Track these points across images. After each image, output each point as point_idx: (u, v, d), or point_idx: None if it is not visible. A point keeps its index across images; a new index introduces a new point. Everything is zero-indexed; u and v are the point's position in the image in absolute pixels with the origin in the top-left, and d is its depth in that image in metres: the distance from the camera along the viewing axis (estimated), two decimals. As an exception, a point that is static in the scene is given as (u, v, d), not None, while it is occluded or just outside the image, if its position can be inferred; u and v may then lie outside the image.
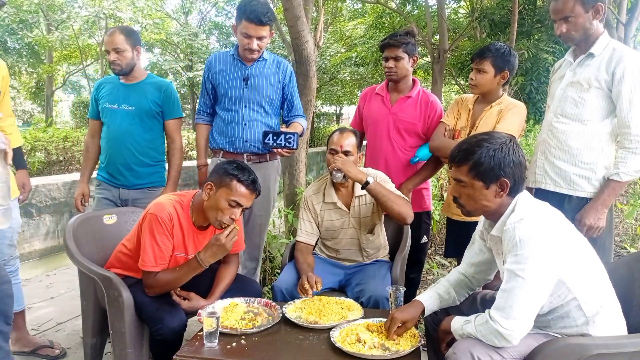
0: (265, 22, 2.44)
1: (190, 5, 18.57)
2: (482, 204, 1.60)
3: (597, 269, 1.58)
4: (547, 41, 8.92)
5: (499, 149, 1.55)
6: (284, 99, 2.72)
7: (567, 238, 1.53)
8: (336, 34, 16.05)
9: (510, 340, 1.45)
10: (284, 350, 1.73)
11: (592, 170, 2.09)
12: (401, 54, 2.58)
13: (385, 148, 2.68)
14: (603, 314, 1.52)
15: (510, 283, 1.47)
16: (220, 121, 2.67)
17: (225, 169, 1.96)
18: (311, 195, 2.47)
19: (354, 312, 2.01)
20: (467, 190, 1.61)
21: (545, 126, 2.26)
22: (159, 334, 1.93)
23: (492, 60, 2.34)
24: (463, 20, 12.37)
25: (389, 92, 2.74)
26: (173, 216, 2.01)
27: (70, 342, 2.80)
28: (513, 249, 1.48)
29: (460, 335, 1.59)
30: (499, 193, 1.57)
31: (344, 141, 2.31)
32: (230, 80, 2.62)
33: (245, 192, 1.95)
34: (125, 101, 2.70)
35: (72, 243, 2.18)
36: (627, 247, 4.14)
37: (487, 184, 1.57)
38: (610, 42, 2.08)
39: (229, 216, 1.95)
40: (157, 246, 1.97)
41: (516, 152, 1.57)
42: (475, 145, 1.58)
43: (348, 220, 2.42)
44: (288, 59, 3.48)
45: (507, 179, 1.55)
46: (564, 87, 2.17)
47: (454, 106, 2.60)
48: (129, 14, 13.70)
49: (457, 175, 1.62)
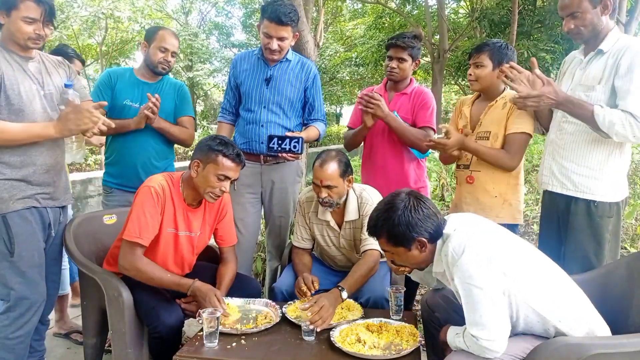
0: (285, 23, 2.40)
1: (190, 5, 18.58)
2: (415, 261, 1.69)
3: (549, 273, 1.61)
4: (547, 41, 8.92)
5: (402, 215, 1.60)
6: (306, 101, 2.70)
7: (499, 239, 1.60)
8: (336, 34, 16.07)
9: (496, 349, 1.47)
10: (284, 350, 1.73)
11: (600, 172, 2.04)
12: (406, 57, 2.58)
13: (382, 145, 2.67)
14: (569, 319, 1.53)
15: (465, 295, 1.51)
16: (242, 121, 2.67)
17: (210, 146, 2.01)
18: (304, 202, 2.43)
19: (354, 312, 2.01)
20: (396, 256, 1.70)
21: (554, 126, 2.20)
22: (157, 331, 1.93)
23: (489, 54, 2.31)
24: (463, 20, 12.38)
25: (387, 92, 2.75)
26: (165, 189, 2.04)
27: (70, 342, 2.80)
28: (452, 263, 1.54)
29: (455, 347, 1.60)
30: (422, 249, 1.64)
31: (324, 174, 2.17)
32: (253, 80, 2.62)
33: (231, 165, 2.01)
34: (146, 101, 2.53)
35: (72, 243, 2.18)
36: (627, 247, 4.14)
37: (408, 246, 1.64)
38: (621, 37, 2.01)
39: (219, 189, 2.01)
40: (143, 217, 1.97)
41: (418, 209, 1.61)
42: (378, 219, 1.66)
43: (339, 240, 2.38)
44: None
45: (421, 237, 1.61)
46: (574, 86, 2.10)
47: (454, 113, 2.61)
48: (128, 14, 13.70)
49: (382, 247, 1.72)
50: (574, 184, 2.08)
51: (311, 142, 3.11)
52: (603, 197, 2.04)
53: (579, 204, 2.07)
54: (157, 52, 2.55)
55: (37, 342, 2.19)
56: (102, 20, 13.92)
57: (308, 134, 2.63)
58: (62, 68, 2.14)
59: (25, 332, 2.01)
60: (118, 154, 2.64)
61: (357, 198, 2.33)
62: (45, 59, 2.08)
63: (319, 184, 2.19)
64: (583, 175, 2.06)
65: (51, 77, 2.05)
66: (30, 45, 1.93)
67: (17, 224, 1.92)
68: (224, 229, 2.26)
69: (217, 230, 2.26)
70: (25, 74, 1.95)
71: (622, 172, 2.09)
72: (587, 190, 2.06)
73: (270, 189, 2.67)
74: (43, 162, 1.99)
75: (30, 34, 1.88)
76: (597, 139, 2.02)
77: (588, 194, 2.05)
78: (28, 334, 2.03)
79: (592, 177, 2.05)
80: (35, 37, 1.90)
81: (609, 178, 2.04)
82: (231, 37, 19.82)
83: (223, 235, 2.27)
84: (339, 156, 2.22)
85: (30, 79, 1.96)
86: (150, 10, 15.14)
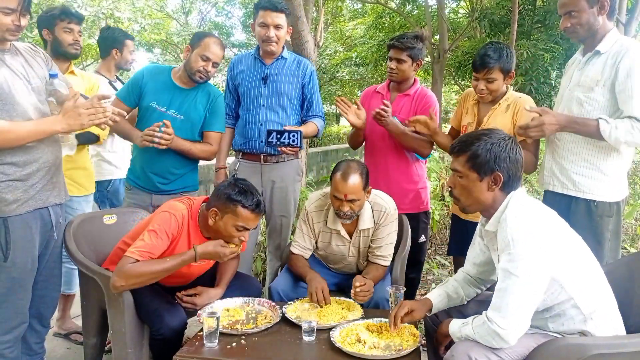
0: (280, 9, 2.50)
1: (190, 5, 18.57)
2: (475, 196, 1.63)
3: (593, 267, 1.59)
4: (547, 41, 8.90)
5: (497, 144, 1.59)
6: (304, 98, 2.72)
7: (560, 236, 1.55)
8: (336, 34, 16.05)
9: (508, 340, 1.45)
10: (284, 350, 1.73)
11: (600, 172, 2.05)
12: (404, 58, 2.57)
13: (384, 146, 2.67)
14: (600, 312, 1.52)
15: (504, 282, 1.48)
16: (241, 122, 2.70)
17: (229, 195, 1.94)
18: (312, 212, 2.34)
19: (354, 312, 2.02)
20: (462, 181, 1.64)
21: None
22: (160, 333, 1.93)
23: (499, 68, 2.29)
24: (463, 20, 12.36)
25: (390, 91, 2.75)
26: (185, 219, 2.01)
27: (70, 342, 2.80)
28: (506, 248, 1.50)
29: (459, 338, 1.59)
30: (492, 187, 1.60)
31: (348, 189, 2.09)
32: (250, 80, 2.65)
33: (251, 216, 1.95)
34: (175, 107, 2.48)
35: (72, 243, 2.17)
36: (627, 247, 4.14)
37: (482, 175, 1.60)
38: (619, 39, 2.02)
39: (238, 238, 1.98)
40: (156, 240, 1.91)
41: (513, 150, 1.61)
42: (475, 138, 1.63)
43: (348, 249, 2.35)
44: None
45: (501, 173, 1.58)
46: (572, 87, 2.12)
47: (458, 106, 2.59)
48: (128, 14, 13.69)
49: (455, 165, 1.66)
50: (574, 184, 2.09)
51: (312, 142, 3.12)
52: (603, 197, 2.05)
53: (580, 204, 2.08)
54: (199, 60, 2.41)
55: (37, 345, 2.16)
56: (102, 20, 13.91)
57: (306, 129, 2.63)
58: (38, 56, 2.01)
59: (13, 337, 1.96)
60: (139, 159, 2.58)
61: (370, 205, 2.29)
62: (23, 50, 1.96)
63: (343, 198, 2.11)
64: (583, 175, 2.07)
65: (33, 69, 1.95)
66: (8, 37, 1.81)
67: (17, 228, 1.86)
68: None
69: None
70: (8, 69, 1.84)
71: (622, 172, 2.10)
72: (587, 190, 2.07)
73: (270, 188, 2.67)
74: (46, 160, 1.94)
75: (9, 25, 1.77)
76: (596, 140, 2.02)
77: (588, 194, 2.07)
78: (16, 339, 1.98)
79: (592, 177, 2.06)
80: (14, 29, 1.79)
81: (609, 178, 2.05)
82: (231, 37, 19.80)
83: None
84: (360, 168, 2.16)
85: (16, 75, 1.86)
86: (150, 10, 15.13)
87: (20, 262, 1.89)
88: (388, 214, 2.27)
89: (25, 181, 1.88)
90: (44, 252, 2.03)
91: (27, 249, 1.91)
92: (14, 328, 1.95)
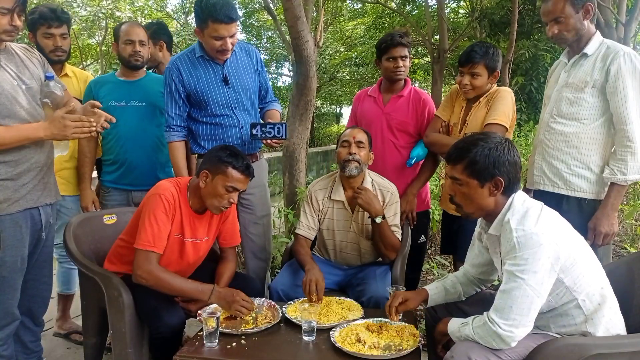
0: (235, 19, 2.26)
1: (190, 5, 18.56)
2: (478, 203, 1.62)
3: (595, 267, 1.59)
4: (547, 41, 8.91)
5: (494, 148, 1.58)
6: (260, 86, 2.60)
7: (564, 238, 1.53)
8: (336, 34, 16.06)
9: (509, 343, 1.45)
10: (284, 350, 1.73)
11: (590, 170, 2.09)
12: (407, 54, 2.66)
13: (379, 148, 2.68)
14: (602, 312, 1.52)
15: (509, 284, 1.47)
16: (206, 127, 2.47)
17: (219, 157, 2.01)
18: (317, 190, 2.48)
19: (354, 312, 2.02)
20: (463, 188, 1.63)
21: (542, 127, 2.26)
22: (158, 332, 1.93)
23: (485, 64, 2.34)
24: (463, 20, 12.37)
25: (382, 93, 2.77)
26: (175, 197, 2.04)
27: (70, 342, 2.80)
28: (512, 251, 1.49)
29: (458, 338, 1.59)
30: (494, 192, 1.59)
31: (357, 134, 2.35)
32: (211, 84, 2.42)
33: (240, 177, 2.02)
34: (133, 97, 2.59)
35: (72, 243, 2.17)
36: (627, 247, 4.14)
37: (482, 182, 1.58)
38: (604, 41, 2.09)
39: (228, 200, 2.02)
40: (156, 225, 1.96)
41: (511, 152, 1.60)
42: (471, 144, 1.60)
43: (350, 223, 2.42)
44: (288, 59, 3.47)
45: (501, 177, 1.57)
46: (560, 88, 2.17)
47: (449, 99, 2.59)
48: (128, 14, 13.69)
49: (453, 174, 1.64)
50: (565, 183, 2.14)
51: (312, 142, 3.10)
52: (593, 195, 2.10)
53: (571, 202, 2.13)
54: (126, 47, 2.57)
55: (33, 343, 2.17)
56: (102, 20, 13.91)
57: (274, 118, 2.53)
58: (34, 57, 2.00)
59: (5, 334, 1.96)
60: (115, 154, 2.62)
61: (376, 186, 2.42)
62: (18, 50, 1.94)
63: (352, 140, 2.33)
64: (574, 174, 2.12)
65: (29, 69, 1.94)
66: (4, 38, 1.79)
67: (7, 227, 1.85)
68: (227, 230, 2.26)
69: (220, 231, 2.25)
70: (3, 70, 1.83)
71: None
72: (578, 188, 2.12)
73: (252, 189, 2.55)
74: (37, 160, 1.94)
75: (5, 26, 1.74)
76: (586, 138, 2.09)
77: (579, 192, 2.12)
78: (8, 337, 1.98)
79: (582, 175, 2.11)
80: (11, 29, 1.77)
81: (599, 176, 2.09)
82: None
83: (226, 236, 2.27)
84: (366, 131, 2.45)
85: (10, 76, 1.84)
86: (150, 10, 15.13)
87: (10, 260, 1.89)
88: (392, 193, 2.42)
89: (16, 181, 1.87)
90: (33, 251, 2.02)
91: (17, 247, 1.90)
92: (5, 326, 1.95)
